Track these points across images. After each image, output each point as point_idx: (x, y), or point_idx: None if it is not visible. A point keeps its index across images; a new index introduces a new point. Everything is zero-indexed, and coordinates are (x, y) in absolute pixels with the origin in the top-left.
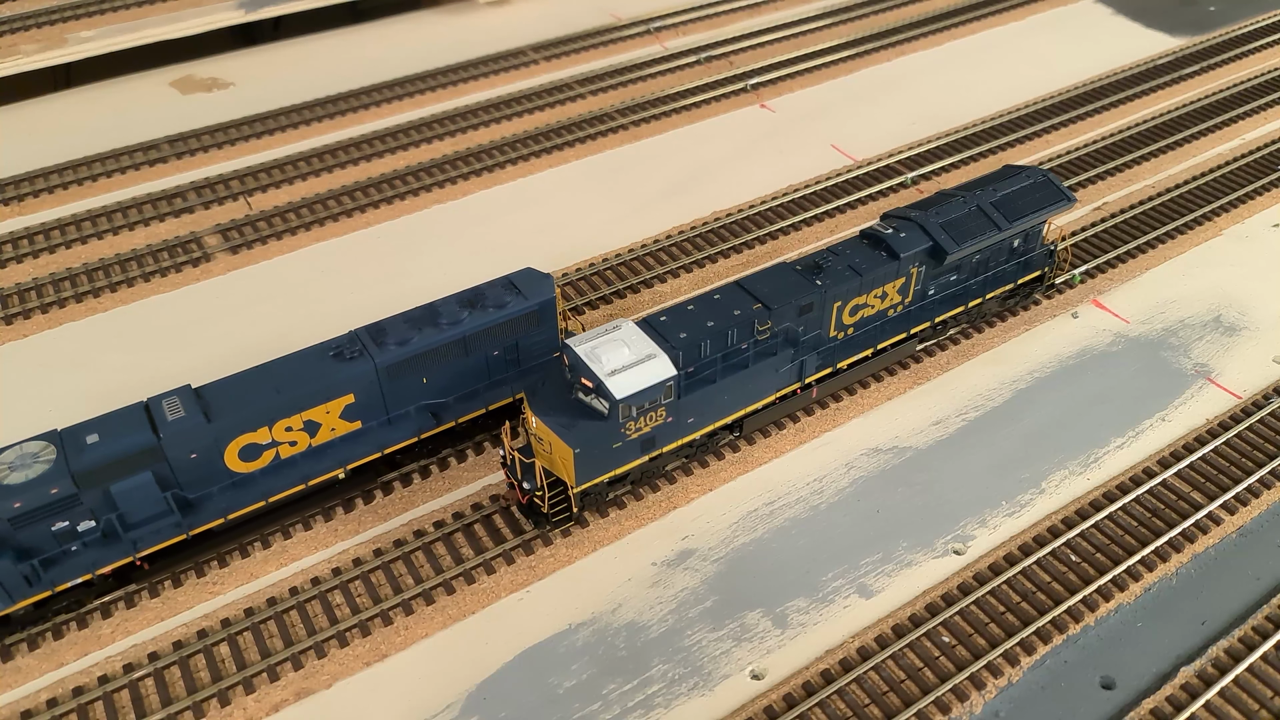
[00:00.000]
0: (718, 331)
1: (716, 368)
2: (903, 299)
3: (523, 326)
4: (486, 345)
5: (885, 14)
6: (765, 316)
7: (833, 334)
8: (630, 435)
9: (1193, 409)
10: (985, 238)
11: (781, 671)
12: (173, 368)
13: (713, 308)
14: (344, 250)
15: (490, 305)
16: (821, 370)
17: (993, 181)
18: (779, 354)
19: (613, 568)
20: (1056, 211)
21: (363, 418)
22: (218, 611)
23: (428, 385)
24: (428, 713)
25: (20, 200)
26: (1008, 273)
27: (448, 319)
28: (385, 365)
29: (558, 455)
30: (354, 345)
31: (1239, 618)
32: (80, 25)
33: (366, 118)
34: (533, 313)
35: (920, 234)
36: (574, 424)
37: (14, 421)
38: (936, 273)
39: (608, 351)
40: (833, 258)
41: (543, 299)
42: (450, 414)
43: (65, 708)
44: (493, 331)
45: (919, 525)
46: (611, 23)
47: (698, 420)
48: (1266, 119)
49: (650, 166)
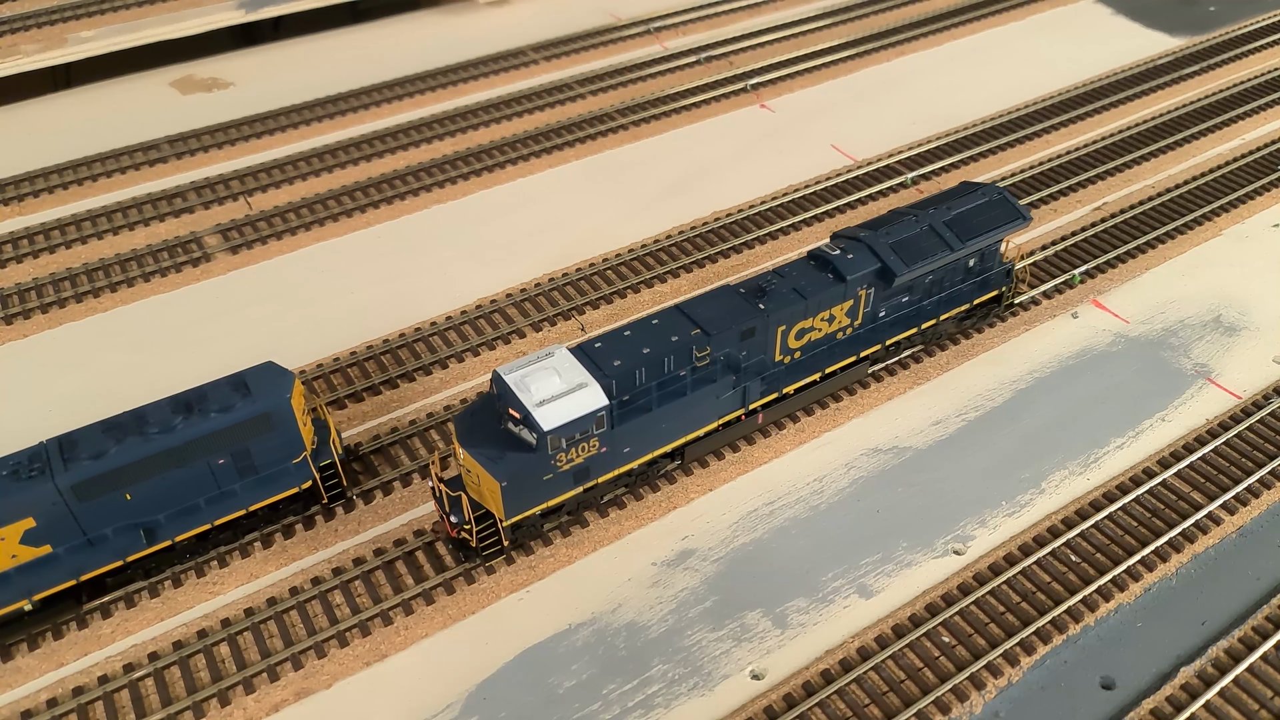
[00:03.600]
0: (654, 359)
1: (652, 396)
2: (852, 321)
3: (252, 431)
4: (207, 454)
5: (885, 14)
6: (704, 342)
7: (778, 358)
8: (562, 467)
9: (1193, 409)
10: (936, 258)
11: (781, 671)
12: (173, 368)
13: (650, 333)
14: (344, 250)
15: (212, 409)
16: (766, 396)
17: (947, 199)
18: (719, 380)
19: (613, 568)
20: (1012, 231)
21: (51, 542)
22: (218, 611)
23: (133, 502)
24: (428, 713)
25: (20, 200)
26: (964, 293)
27: (157, 426)
28: (71, 484)
29: (485, 488)
30: (35, 462)
31: (1239, 618)
32: (80, 25)
33: (366, 118)
34: (262, 416)
35: (868, 255)
36: (502, 456)
37: (14, 421)
38: (886, 294)
39: (537, 380)
40: (777, 280)
41: (276, 400)
42: (166, 532)
43: (65, 708)
44: (214, 439)
45: (919, 525)
46: (611, 23)
47: (634, 450)
48: (1266, 119)
49: (650, 166)
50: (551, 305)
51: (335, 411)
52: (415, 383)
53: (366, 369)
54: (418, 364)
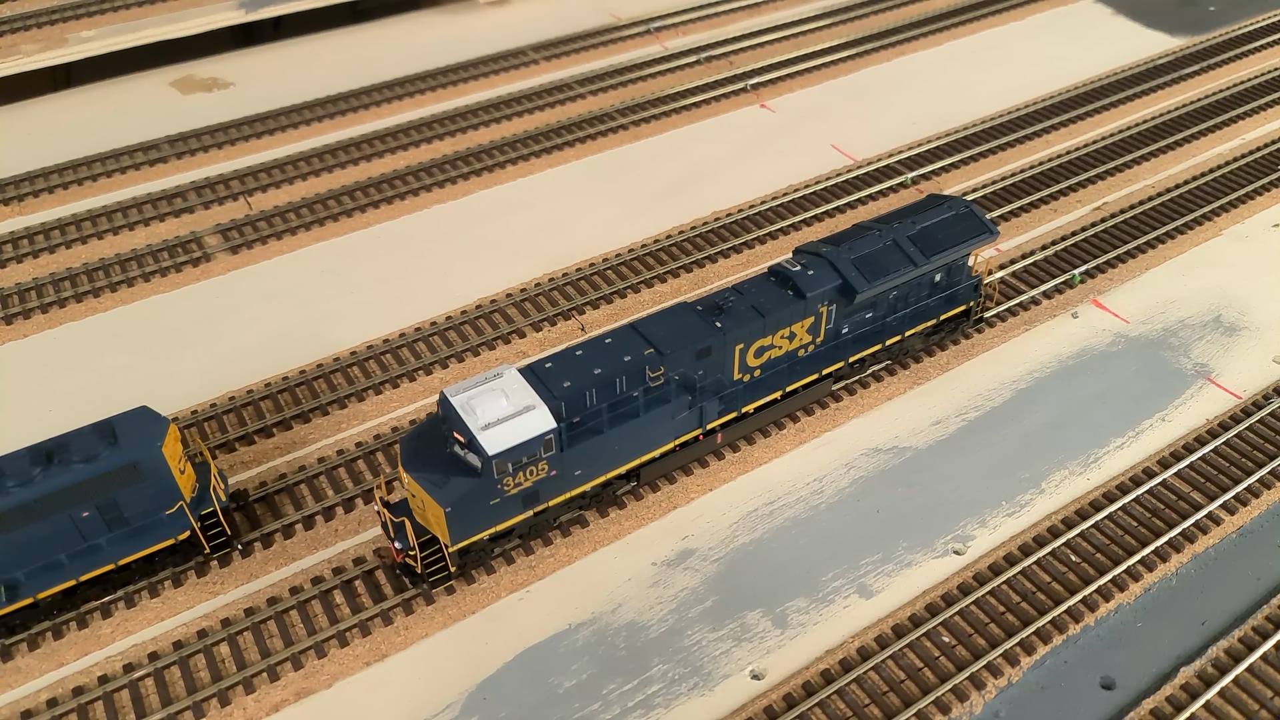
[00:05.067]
0: (605, 379)
1: (603, 418)
2: (814, 339)
3: (118, 482)
4: (69, 507)
5: (885, 14)
6: (657, 362)
7: (737, 377)
8: (509, 491)
9: (1193, 409)
10: (899, 274)
11: (781, 671)
12: (173, 368)
13: (602, 353)
14: (344, 250)
15: (75, 459)
16: (725, 415)
17: (913, 213)
18: (674, 401)
19: (613, 568)
20: (979, 245)
21: None
22: (218, 611)
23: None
24: (428, 713)
25: (20, 200)
26: (930, 308)
27: (14, 479)
28: None
29: (430, 513)
30: None
31: (1239, 618)
32: (80, 25)
33: (366, 118)
34: (129, 466)
35: (829, 271)
36: (446, 481)
37: (14, 421)
38: (849, 311)
39: (484, 403)
40: (736, 297)
41: (145, 449)
42: (27, 590)
43: (65, 708)
44: (76, 491)
45: (919, 525)
46: (611, 23)
47: (586, 472)
48: (1266, 119)
49: (650, 166)
50: (551, 305)
51: (321, 418)
52: (416, 382)
53: (367, 369)
54: (418, 364)
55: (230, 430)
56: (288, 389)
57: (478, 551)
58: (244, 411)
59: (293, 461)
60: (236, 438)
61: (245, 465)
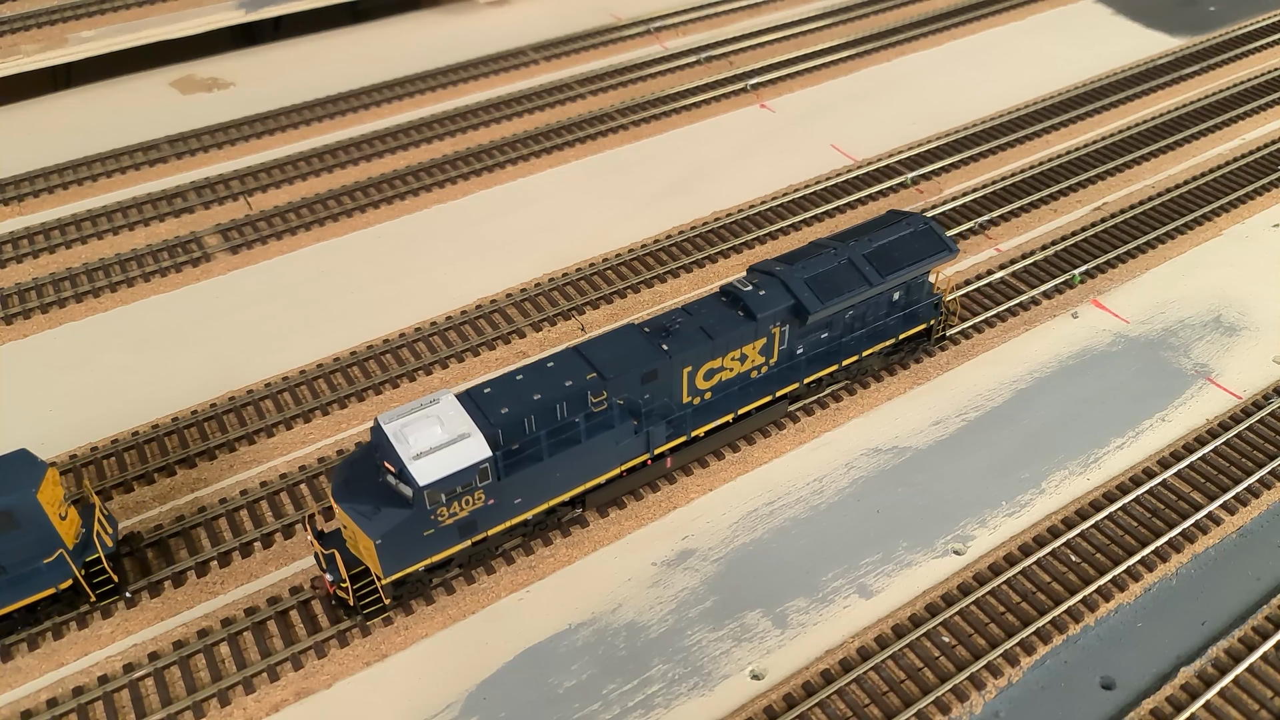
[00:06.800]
0: (544, 405)
1: (542, 445)
2: (766, 360)
3: None
4: None
5: (885, 14)
6: (600, 387)
7: (686, 400)
8: (444, 521)
9: (1193, 409)
10: (855, 293)
11: (781, 671)
12: (173, 368)
13: (543, 378)
14: (344, 250)
15: None
16: (674, 440)
17: (870, 230)
18: (618, 426)
19: (613, 568)
20: (937, 263)
21: None
22: (218, 611)
23: None
24: (428, 713)
25: (20, 200)
26: (889, 327)
27: None
28: None
29: (362, 545)
30: None
31: (1239, 618)
32: (80, 25)
33: (366, 118)
34: (3, 514)
35: (782, 291)
36: (377, 512)
37: (14, 421)
38: (802, 331)
39: (417, 430)
40: (684, 318)
41: (19, 496)
42: None
43: (65, 708)
44: None
45: (919, 525)
46: (611, 23)
47: (526, 500)
48: (1266, 119)
49: (650, 166)
50: (551, 305)
51: (322, 418)
52: (416, 382)
53: (367, 368)
54: (418, 364)
55: (230, 430)
56: (288, 389)
57: (414, 583)
58: (244, 412)
59: (292, 461)
60: (236, 437)
61: (245, 466)
